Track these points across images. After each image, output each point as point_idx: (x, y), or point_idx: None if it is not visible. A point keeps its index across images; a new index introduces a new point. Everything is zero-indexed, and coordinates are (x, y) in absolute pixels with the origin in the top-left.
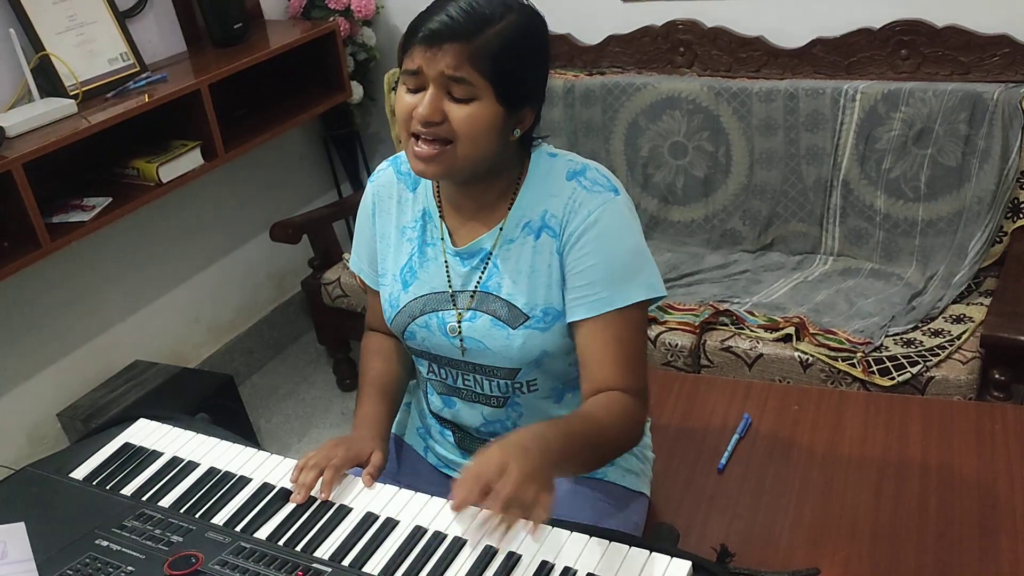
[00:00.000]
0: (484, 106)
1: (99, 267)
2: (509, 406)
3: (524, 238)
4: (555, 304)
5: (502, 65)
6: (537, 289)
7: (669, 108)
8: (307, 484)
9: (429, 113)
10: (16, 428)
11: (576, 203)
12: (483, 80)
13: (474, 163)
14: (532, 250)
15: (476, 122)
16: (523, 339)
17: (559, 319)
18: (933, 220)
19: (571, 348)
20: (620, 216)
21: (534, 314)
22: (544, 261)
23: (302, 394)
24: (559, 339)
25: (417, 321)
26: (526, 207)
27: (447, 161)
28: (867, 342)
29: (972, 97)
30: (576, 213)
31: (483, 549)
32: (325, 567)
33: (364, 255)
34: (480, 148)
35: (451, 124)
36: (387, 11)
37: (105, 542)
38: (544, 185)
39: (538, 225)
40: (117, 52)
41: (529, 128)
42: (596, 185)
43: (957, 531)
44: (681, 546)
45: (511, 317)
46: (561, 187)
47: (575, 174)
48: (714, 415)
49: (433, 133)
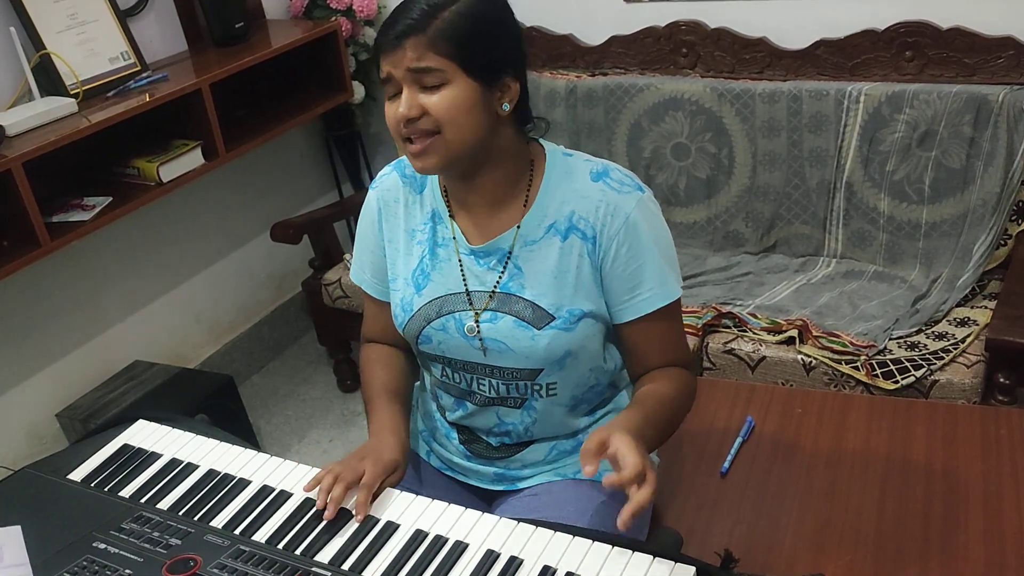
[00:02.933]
0: (457, 87)
1: (99, 267)
2: (525, 409)
3: (550, 239)
4: (581, 305)
5: (463, 42)
6: (563, 290)
7: (672, 109)
8: (337, 500)
9: (406, 110)
10: (15, 428)
11: (610, 206)
12: (447, 61)
13: (469, 146)
14: (559, 251)
15: (453, 104)
16: (549, 339)
17: (584, 319)
18: (937, 223)
19: (596, 351)
20: (653, 214)
21: (560, 315)
22: (572, 263)
23: (302, 395)
24: (584, 340)
25: (433, 324)
26: (548, 207)
27: (440, 150)
28: (871, 345)
29: (977, 99)
30: (613, 216)
31: (484, 553)
32: (325, 571)
33: (367, 265)
34: (467, 128)
35: (431, 115)
36: (389, 11)
37: (103, 544)
38: (567, 185)
39: (565, 226)
40: (118, 51)
41: (520, 103)
42: (624, 186)
43: (962, 536)
44: (684, 551)
45: (536, 318)
46: (588, 188)
47: (600, 175)
48: (717, 418)
49: (418, 130)
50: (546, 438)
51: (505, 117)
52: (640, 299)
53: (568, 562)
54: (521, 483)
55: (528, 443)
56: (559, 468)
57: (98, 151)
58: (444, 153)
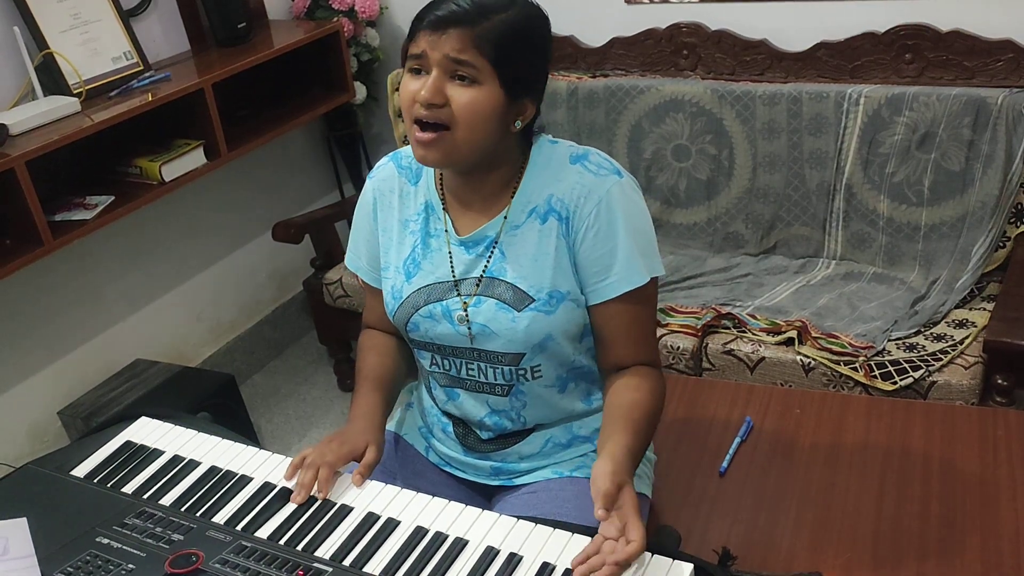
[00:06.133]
0: (486, 90)
1: (101, 265)
2: (513, 395)
3: (530, 223)
4: (560, 287)
5: (505, 50)
6: (543, 272)
7: (672, 111)
8: (305, 483)
9: (431, 95)
10: (17, 426)
11: (584, 188)
12: (487, 63)
13: (474, 150)
14: (538, 234)
15: (477, 106)
16: (528, 321)
17: (563, 301)
18: (936, 225)
19: (576, 333)
20: (628, 198)
21: (539, 297)
22: (550, 244)
23: (303, 394)
24: (564, 322)
25: (420, 311)
26: (530, 193)
27: (447, 147)
28: (869, 346)
29: (976, 102)
30: (586, 199)
31: (484, 550)
32: (326, 567)
33: (363, 252)
34: (479, 134)
35: (452, 108)
36: (391, 12)
37: (106, 540)
38: (547, 170)
39: (544, 209)
40: (121, 51)
41: (530, 122)
42: (601, 168)
43: (959, 536)
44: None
45: (516, 300)
46: (566, 171)
47: (578, 158)
48: (716, 418)
49: (434, 116)
50: (540, 425)
51: (514, 132)
52: (606, 283)
53: (567, 559)
54: (519, 478)
55: (524, 432)
56: (556, 465)
57: (100, 150)
58: (449, 151)
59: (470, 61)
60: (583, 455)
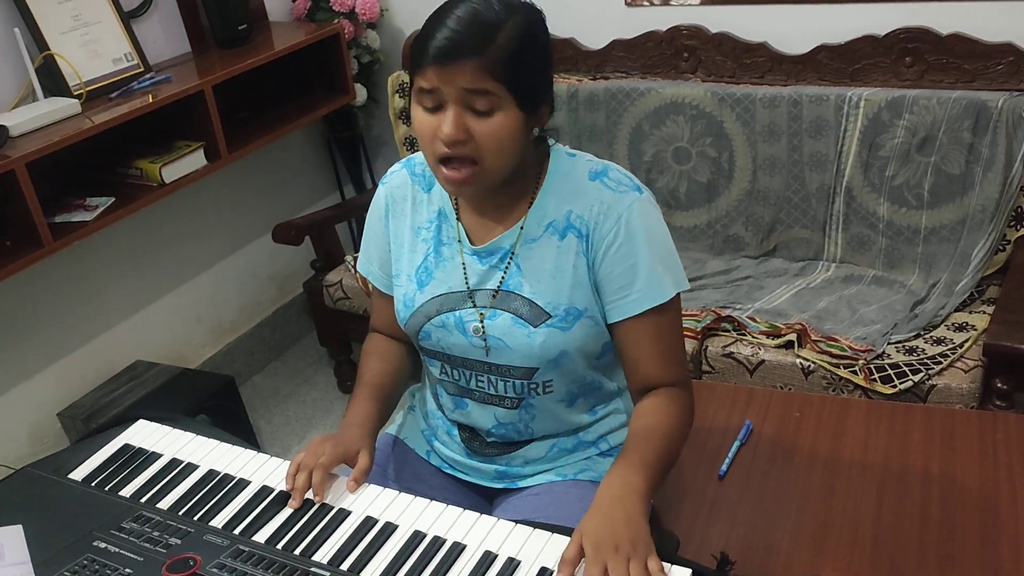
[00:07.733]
0: (506, 116)
1: (101, 267)
2: (522, 408)
3: (548, 237)
4: (577, 304)
5: (517, 69)
6: (560, 289)
7: (673, 113)
8: (300, 488)
9: (454, 132)
10: (17, 427)
11: (604, 205)
12: (502, 87)
13: (503, 172)
14: (556, 250)
15: (501, 134)
16: (544, 337)
17: (580, 318)
18: (936, 228)
19: (592, 351)
20: (649, 214)
21: (556, 313)
22: (569, 261)
23: (303, 396)
24: (580, 338)
25: (433, 321)
26: (548, 207)
27: (478, 179)
28: (869, 349)
29: (976, 105)
30: (606, 216)
31: (482, 554)
32: (323, 571)
33: (375, 258)
34: (505, 157)
35: (476, 142)
36: (391, 14)
37: (103, 544)
38: (566, 185)
39: (563, 225)
40: (121, 52)
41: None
42: (621, 185)
43: (958, 540)
44: (681, 553)
45: (533, 315)
46: (585, 188)
47: (597, 175)
48: (715, 421)
49: (460, 152)
50: (547, 436)
51: (532, 139)
52: (629, 299)
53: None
54: (522, 481)
55: (528, 441)
56: (560, 468)
57: (101, 152)
58: (481, 182)
59: (488, 89)
60: (587, 458)
